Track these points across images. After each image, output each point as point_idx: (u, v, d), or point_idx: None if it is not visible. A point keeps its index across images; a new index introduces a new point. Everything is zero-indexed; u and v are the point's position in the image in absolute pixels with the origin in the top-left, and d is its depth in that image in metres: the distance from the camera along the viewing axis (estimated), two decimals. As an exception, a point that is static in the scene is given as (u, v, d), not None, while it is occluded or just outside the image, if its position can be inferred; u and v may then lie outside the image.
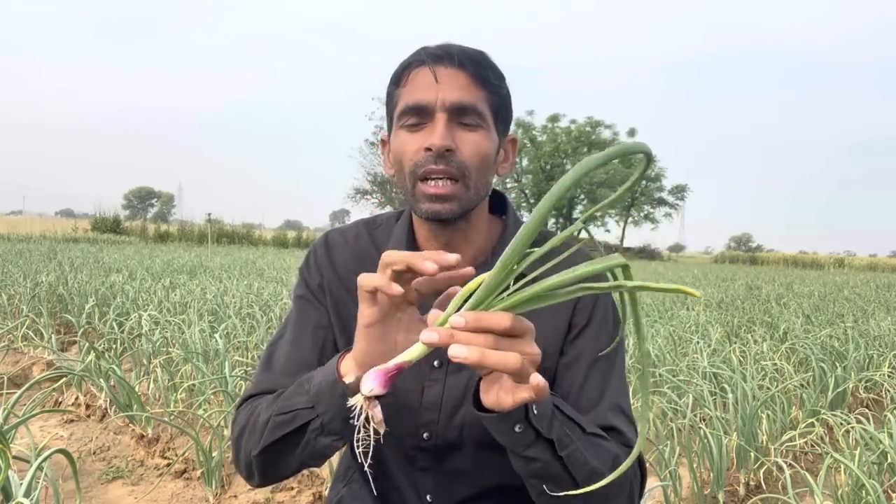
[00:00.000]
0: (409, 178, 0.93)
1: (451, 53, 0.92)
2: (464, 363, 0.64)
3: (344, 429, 0.84)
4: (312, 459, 0.88)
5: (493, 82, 0.94)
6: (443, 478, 1.02)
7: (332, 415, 0.83)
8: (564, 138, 46.09)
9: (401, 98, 0.94)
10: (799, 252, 60.44)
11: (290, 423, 0.87)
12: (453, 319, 0.65)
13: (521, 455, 0.80)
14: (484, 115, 0.93)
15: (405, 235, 1.03)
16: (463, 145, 0.92)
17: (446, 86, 0.91)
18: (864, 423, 2.86)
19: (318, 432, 0.85)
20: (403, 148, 0.93)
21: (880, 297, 12.74)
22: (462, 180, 0.92)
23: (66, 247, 17.76)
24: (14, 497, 1.73)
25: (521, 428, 0.77)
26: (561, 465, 0.81)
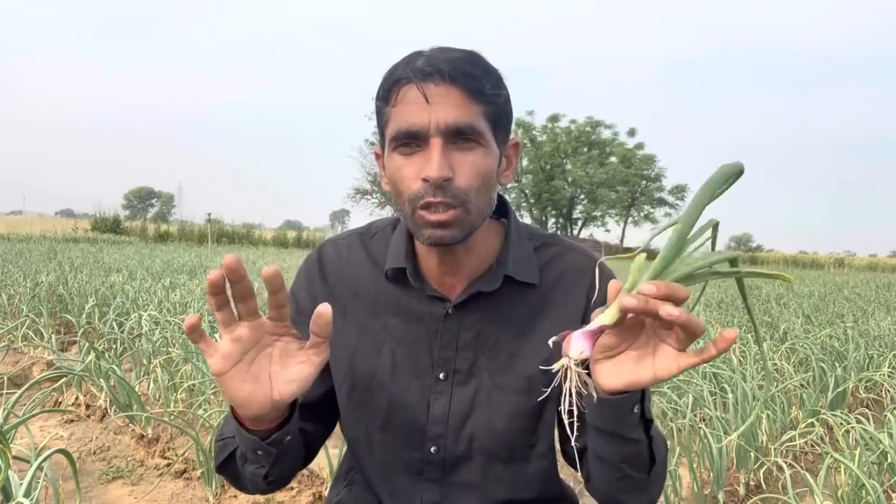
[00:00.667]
0: (408, 206, 0.88)
1: (440, 69, 0.85)
2: (675, 321, 0.67)
3: (257, 458, 0.87)
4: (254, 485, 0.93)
5: (489, 92, 0.88)
6: (450, 491, 1.00)
7: (244, 447, 0.88)
8: (564, 138, 46.08)
9: (391, 118, 0.88)
10: (799, 252, 60.45)
11: (224, 450, 0.94)
12: (645, 287, 0.68)
13: (626, 437, 0.81)
14: (482, 132, 0.87)
15: (404, 248, 0.99)
16: (460, 169, 0.86)
17: (439, 106, 0.85)
18: (864, 423, 2.86)
19: (242, 461, 0.90)
20: (399, 174, 0.88)
21: (880, 297, 12.74)
22: (462, 206, 0.87)
23: (66, 247, 17.76)
24: (14, 497, 1.73)
25: (637, 409, 0.79)
26: (648, 447, 0.84)
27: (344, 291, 1.04)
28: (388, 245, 1.02)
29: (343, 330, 1.01)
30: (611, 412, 0.78)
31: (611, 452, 0.83)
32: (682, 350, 0.71)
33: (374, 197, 41.31)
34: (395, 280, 1.00)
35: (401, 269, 0.98)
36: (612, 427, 0.80)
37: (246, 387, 0.78)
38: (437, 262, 0.97)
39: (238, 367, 0.78)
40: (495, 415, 0.97)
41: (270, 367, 0.79)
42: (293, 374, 0.79)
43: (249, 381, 0.78)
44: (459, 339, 0.98)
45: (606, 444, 0.82)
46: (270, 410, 0.80)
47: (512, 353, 0.98)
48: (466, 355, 0.98)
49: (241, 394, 0.78)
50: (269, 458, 0.87)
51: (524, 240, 1.01)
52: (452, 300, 0.98)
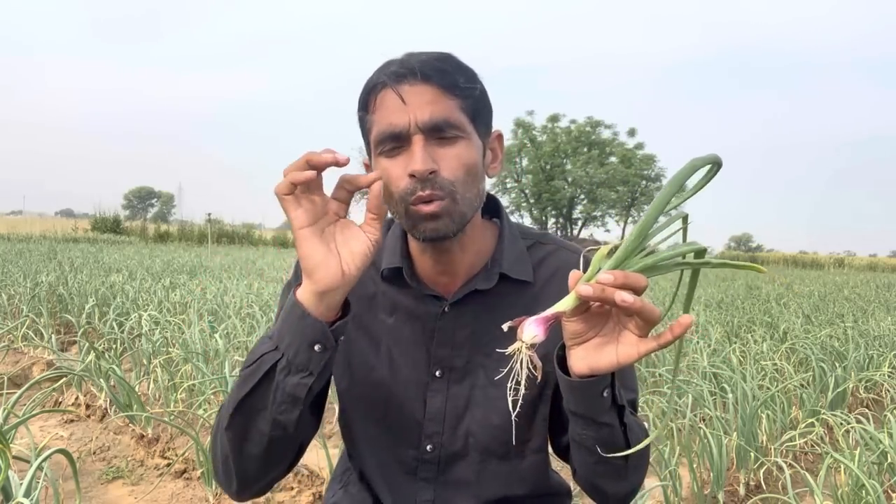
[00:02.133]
0: (400, 205, 0.90)
1: (412, 69, 0.88)
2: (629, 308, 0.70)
3: (310, 360, 0.82)
4: (285, 412, 0.84)
5: (464, 86, 0.90)
6: (444, 490, 1.01)
7: (296, 347, 0.81)
8: (564, 138, 46.02)
9: (373, 125, 0.91)
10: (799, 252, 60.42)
11: (257, 371, 0.84)
12: (602, 276, 0.71)
13: (598, 421, 0.83)
14: (461, 124, 0.90)
15: (399, 248, 1.00)
16: (444, 161, 0.88)
17: (415, 105, 0.87)
18: (864, 423, 2.86)
19: (286, 372, 0.82)
20: (387, 175, 0.90)
21: (880, 297, 12.74)
22: (450, 197, 0.89)
23: (66, 247, 17.76)
24: (14, 497, 1.73)
25: (607, 393, 0.81)
26: (622, 432, 0.86)
27: None
28: (383, 245, 1.03)
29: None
30: (581, 395, 0.81)
31: (585, 436, 0.85)
32: (642, 336, 0.74)
33: (374, 197, 41.25)
34: (390, 280, 1.02)
35: (396, 268, 1.00)
36: (584, 410, 0.82)
37: (322, 248, 0.80)
38: (433, 261, 0.99)
39: (314, 227, 0.81)
40: (491, 411, 0.98)
41: (336, 241, 0.82)
42: (356, 247, 0.82)
43: (323, 243, 0.81)
44: (455, 337, 0.99)
45: (581, 428, 0.85)
46: (339, 283, 0.80)
47: None
48: (462, 353, 0.99)
49: (318, 255, 0.80)
50: (323, 359, 0.82)
51: (517, 239, 1.04)
52: (448, 299, 0.99)
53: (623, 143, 45.95)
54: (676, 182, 0.75)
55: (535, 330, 0.71)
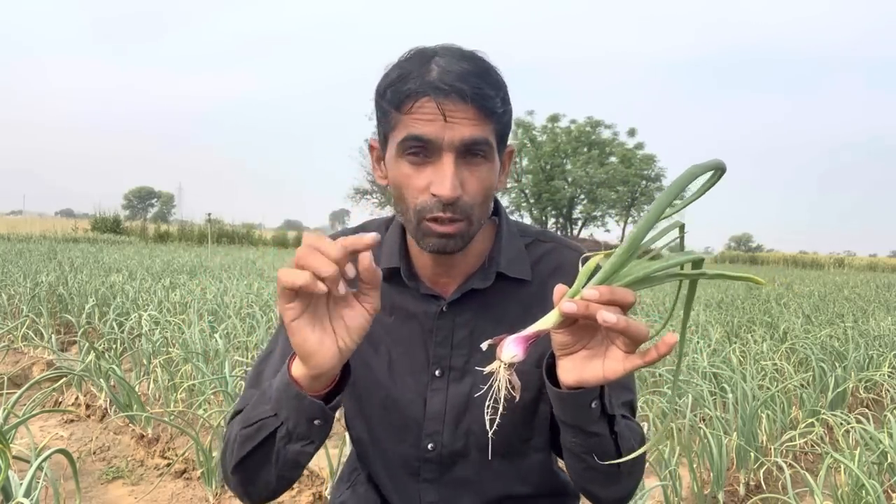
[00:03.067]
0: (414, 215, 0.89)
1: (459, 88, 0.85)
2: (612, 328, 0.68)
3: (310, 432, 0.82)
4: (289, 470, 0.87)
5: (500, 111, 0.89)
6: (447, 489, 1.01)
7: (295, 419, 0.81)
8: (564, 138, 46.03)
9: (401, 124, 0.88)
10: (799, 252, 60.41)
11: (257, 434, 0.85)
12: (587, 292, 0.69)
13: (587, 430, 0.82)
14: (491, 146, 0.89)
15: (397, 246, 1.00)
16: (468, 184, 0.88)
17: (455, 123, 0.85)
18: (864, 423, 2.86)
19: (286, 440, 0.83)
20: (406, 182, 0.89)
21: (880, 297, 12.74)
22: (467, 219, 0.89)
23: (66, 247, 17.76)
24: (14, 497, 1.73)
25: (596, 404, 0.80)
26: (613, 440, 0.85)
27: None
28: (382, 244, 1.02)
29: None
30: (568, 406, 0.81)
31: (574, 444, 0.85)
32: (629, 352, 0.72)
33: (374, 197, 41.29)
34: (388, 279, 1.01)
35: (395, 268, 1.00)
36: (572, 420, 0.82)
37: (316, 334, 0.76)
38: (432, 263, 0.99)
39: (307, 315, 0.76)
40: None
41: (332, 317, 0.77)
42: (352, 321, 0.77)
43: (318, 328, 0.76)
44: (454, 337, 1.00)
45: (570, 437, 0.85)
46: (335, 363, 0.77)
47: None
48: (461, 352, 0.99)
49: (312, 342, 0.76)
50: (324, 430, 0.83)
51: (515, 237, 1.03)
52: (446, 298, 0.99)
53: (623, 143, 45.94)
54: (673, 191, 0.71)
55: (515, 350, 0.68)
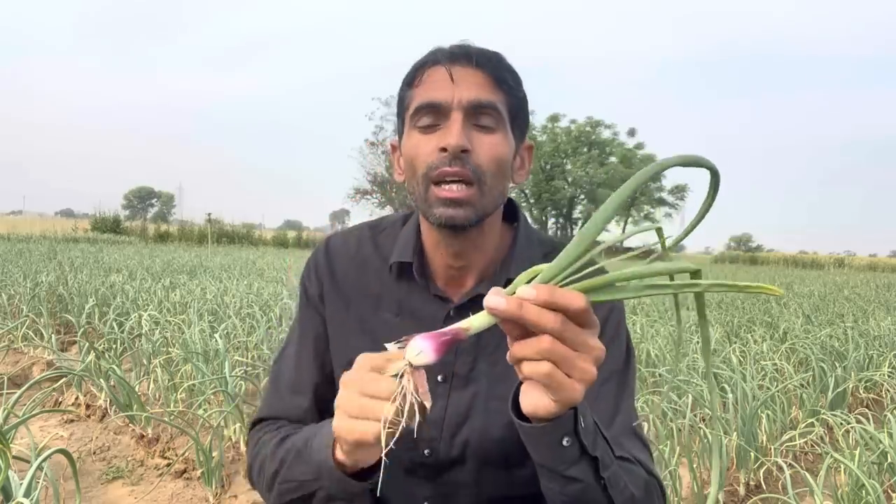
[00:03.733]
0: (422, 182, 0.89)
1: (467, 53, 0.89)
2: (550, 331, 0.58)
3: (353, 499, 0.79)
4: None
5: (511, 84, 0.91)
6: (443, 488, 1.00)
7: (336, 489, 0.78)
8: (564, 138, 46.09)
9: (413, 98, 0.90)
10: (799, 252, 60.43)
11: (297, 490, 0.83)
12: (523, 290, 0.58)
13: (562, 475, 0.72)
14: (501, 117, 0.89)
15: (412, 242, 0.99)
16: (479, 147, 0.87)
17: (463, 84, 0.87)
18: (864, 423, 2.86)
19: (325, 500, 0.81)
20: (416, 150, 0.89)
21: (880, 297, 12.74)
22: (478, 184, 0.87)
23: (66, 247, 17.75)
24: (14, 497, 1.73)
25: (569, 441, 0.69)
26: (601, 487, 0.74)
27: (350, 285, 1.03)
28: (397, 239, 1.02)
29: (346, 322, 1.02)
30: (535, 443, 0.71)
31: (552, 491, 0.75)
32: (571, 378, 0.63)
33: (374, 197, 41.26)
34: (399, 275, 1.00)
35: (407, 263, 0.98)
36: (543, 460, 0.72)
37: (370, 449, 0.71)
38: (447, 256, 0.96)
39: None
40: (491, 423, 0.96)
41: None
42: None
43: None
44: (459, 343, 0.98)
45: (546, 481, 0.75)
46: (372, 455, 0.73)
47: None
48: (466, 360, 0.97)
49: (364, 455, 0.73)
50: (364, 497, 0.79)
51: (534, 246, 1.01)
52: (455, 301, 0.97)
53: (623, 143, 45.98)
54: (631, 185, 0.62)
55: (422, 346, 0.57)
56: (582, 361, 0.61)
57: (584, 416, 0.71)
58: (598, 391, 0.92)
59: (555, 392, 0.62)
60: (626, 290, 0.61)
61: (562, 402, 0.63)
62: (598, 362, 0.63)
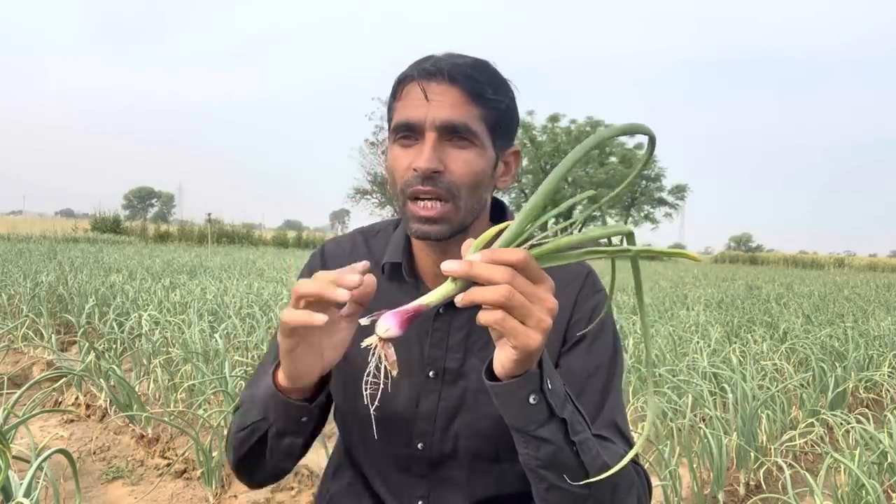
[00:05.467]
0: (400, 196, 0.92)
1: (442, 69, 0.89)
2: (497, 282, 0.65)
3: (298, 427, 0.89)
4: (283, 460, 0.95)
5: (490, 97, 0.91)
6: (437, 485, 1.02)
7: (283, 421, 0.88)
8: (564, 138, 46.06)
9: (395, 112, 0.93)
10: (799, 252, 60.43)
11: (251, 436, 0.93)
12: (470, 257, 0.67)
13: (532, 435, 0.76)
14: (476, 133, 0.90)
15: (402, 244, 1.02)
16: (453, 164, 0.89)
17: (436, 104, 0.89)
18: (864, 423, 2.86)
19: (277, 438, 0.91)
20: (395, 164, 0.93)
21: (880, 297, 12.73)
22: (452, 201, 0.90)
23: (66, 247, 17.75)
24: (14, 497, 1.73)
25: (535, 399, 0.74)
26: (573, 452, 0.77)
27: None
28: (390, 240, 1.05)
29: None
30: (502, 402, 0.75)
31: (526, 456, 0.79)
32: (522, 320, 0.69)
33: (374, 197, 41.24)
34: (390, 276, 1.03)
35: (396, 264, 1.02)
36: (513, 420, 0.76)
37: (306, 360, 0.81)
38: (431, 260, 0.99)
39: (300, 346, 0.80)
40: (482, 417, 0.98)
41: (320, 339, 0.81)
42: (337, 340, 0.82)
43: (308, 354, 0.81)
44: (450, 339, 1.00)
45: (521, 447, 0.78)
46: (318, 377, 0.84)
47: None
48: (457, 355, 1.00)
49: (301, 367, 0.81)
50: (312, 423, 0.90)
51: None
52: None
53: (623, 143, 45.94)
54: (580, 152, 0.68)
55: (388, 323, 0.67)
56: (536, 311, 0.67)
57: (552, 379, 0.76)
58: (584, 385, 0.94)
59: (512, 338, 0.67)
60: (568, 256, 0.69)
61: (520, 348, 0.68)
62: (553, 314, 0.69)
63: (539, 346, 0.69)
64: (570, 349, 0.97)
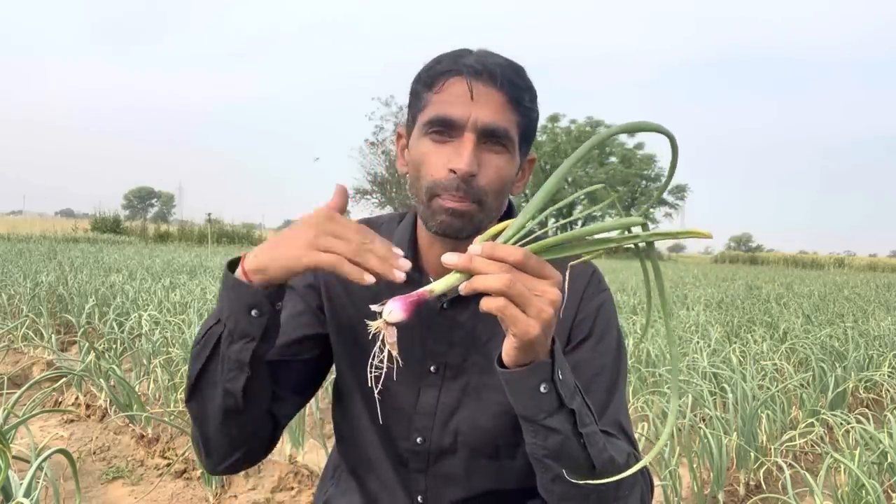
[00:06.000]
0: (426, 192, 0.91)
1: (492, 71, 0.88)
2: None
3: (250, 325, 0.81)
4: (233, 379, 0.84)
5: (527, 105, 0.91)
6: (435, 480, 1.02)
7: (235, 315, 0.81)
8: (564, 138, 46.10)
9: (430, 104, 0.90)
10: (799, 252, 60.46)
11: (206, 345, 0.85)
12: (471, 248, 0.69)
13: (541, 424, 0.76)
14: (512, 139, 0.90)
15: (407, 240, 1.01)
16: (486, 168, 0.89)
17: (482, 105, 0.87)
18: (864, 423, 2.86)
19: (229, 340, 0.83)
20: (425, 159, 0.90)
21: (880, 297, 12.73)
22: (478, 203, 0.90)
23: (66, 247, 17.75)
24: (14, 497, 1.73)
25: (546, 388, 0.75)
26: (580, 444, 0.78)
27: None
28: (393, 237, 1.04)
29: (347, 308, 1.03)
30: (513, 389, 0.76)
31: (533, 445, 0.79)
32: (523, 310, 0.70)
33: (374, 197, 41.25)
34: None
35: None
36: (523, 409, 0.77)
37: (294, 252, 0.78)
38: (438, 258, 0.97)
39: None
40: (482, 412, 0.98)
41: None
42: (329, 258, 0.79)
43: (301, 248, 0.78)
44: (453, 335, 0.99)
45: (529, 436, 0.79)
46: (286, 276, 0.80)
47: None
48: (459, 351, 1.00)
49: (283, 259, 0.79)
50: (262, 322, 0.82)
51: None
52: (448, 295, 0.98)
53: (623, 143, 45.97)
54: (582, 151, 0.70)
55: (393, 307, 0.69)
56: (536, 301, 0.69)
57: (563, 370, 0.76)
58: (589, 384, 0.93)
59: (512, 325, 0.69)
60: (577, 246, 0.70)
61: (519, 336, 0.70)
62: (555, 306, 0.70)
63: (539, 336, 0.70)
64: (575, 347, 0.97)
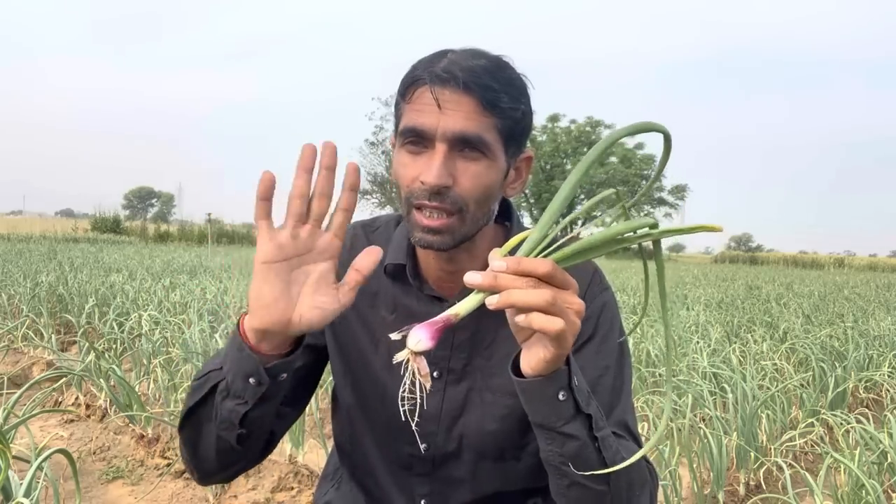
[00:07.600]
0: (405, 203, 0.89)
1: (456, 76, 0.83)
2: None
3: (244, 390, 0.80)
4: (225, 431, 0.84)
5: (505, 106, 0.85)
6: (439, 484, 1.01)
7: (233, 373, 0.80)
8: (564, 138, 46.09)
9: (404, 114, 0.88)
10: (799, 252, 60.47)
11: (203, 386, 0.85)
12: (494, 265, 0.67)
13: (558, 431, 0.76)
14: (489, 145, 0.86)
15: (404, 244, 0.99)
16: (462, 177, 0.86)
17: (449, 113, 0.83)
18: (864, 423, 2.86)
19: (224, 394, 0.82)
20: (402, 171, 0.88)
21: (880, 297, 12.73)
22: (458, 214, 0.86)
23: (66, 247, 17.75)
24: (14, 497, 1.73)
25: (564, 396, 0.74)
26: (595, 448, 0.78)
27: None
28: (390, 240, 1.02)
29: (347, 315, 1.01)
30: (532, 398, 0.75)
31: (550, 452, 0.78)
32: None
33: (374, 197, 41.26)
34: (393, 276, 1.01)
35: (400, 265, 0.99)
36: (542, 418, 0.76)
37: (277, 288, 0.75)
38: (437, 264, 0.97)
39: (280, 265, 0.75)
40: (486, 416, 0.97)
41: (303, 286, 0.77)
42: (320, 301, 0.76)
43: (281, 284, 0.75)
44: (455, 339, 0.99)
45: (545, 444, 0.78)
46: (282, 327, 0.76)
47: (507, 354, 0.98)
48: (461, 355, 0.99)
49: (267, 294, 0.75)
50: (258, 392, 0.80)
51: None
52: (450, 300, 0.98)
53: (623, 143, 45.95)
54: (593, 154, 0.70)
55: (419, 335, 0.67)
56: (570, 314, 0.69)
57: (577, 375, 0.76)
58: (595, 385, 0.93)
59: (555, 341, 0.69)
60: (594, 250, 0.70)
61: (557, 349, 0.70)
62: (580, 316, 0.70)
63: (570, 348, 0.71)
64: (578, 348, 0.96)
